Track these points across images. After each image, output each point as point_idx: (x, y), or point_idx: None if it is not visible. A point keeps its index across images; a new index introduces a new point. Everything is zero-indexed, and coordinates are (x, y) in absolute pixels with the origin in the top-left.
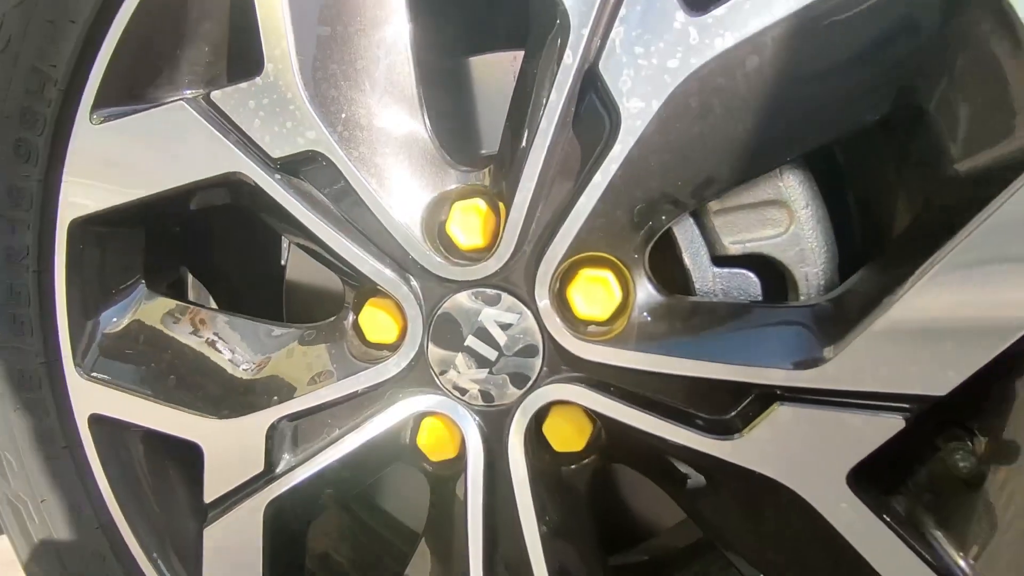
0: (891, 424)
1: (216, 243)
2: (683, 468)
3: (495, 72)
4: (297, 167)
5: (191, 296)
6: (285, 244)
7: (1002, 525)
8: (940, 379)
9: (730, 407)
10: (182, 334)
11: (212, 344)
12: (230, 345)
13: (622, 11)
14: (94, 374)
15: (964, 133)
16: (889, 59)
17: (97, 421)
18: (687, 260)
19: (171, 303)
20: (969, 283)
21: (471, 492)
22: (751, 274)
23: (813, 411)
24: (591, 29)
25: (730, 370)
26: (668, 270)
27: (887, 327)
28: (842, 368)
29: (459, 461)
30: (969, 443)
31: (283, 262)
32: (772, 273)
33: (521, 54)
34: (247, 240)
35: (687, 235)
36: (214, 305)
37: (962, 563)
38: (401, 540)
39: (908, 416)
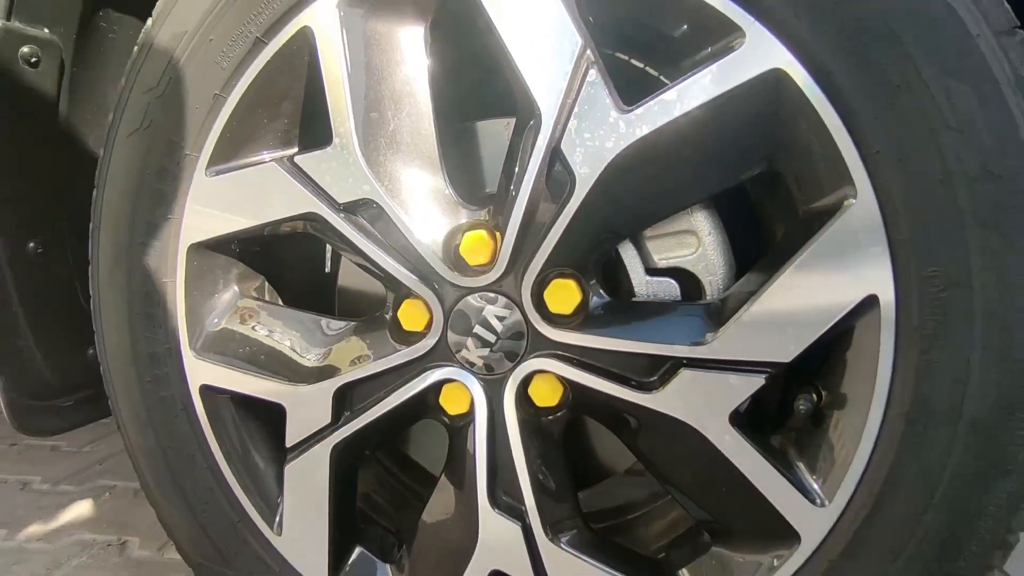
0: (756, 381)
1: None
2: (625, 416)
3: (493, 133)
4: (355, 208)
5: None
6: (328, 259)
7: (838, 457)
8: (785, 351)
9: (653, 372)
10: (266, 327)
11: (285, 333)
12: (300, 334)
13: (576, 110)
14: (204, 355)
15: (799, 189)
16: (748, 141)
17: (206, 390)
18: (628, 271)
19: (257, 302)
20: (800, 288)
21: (478, 436)
22: (673, 281)
23: (704, 373)
24: (555, 121)
25: (652, 346)
26: (615, 279)
27: (750, 316)
28: (722, 344)
29: (469, 414)
30: (813, 395)
31: (326, 269)
32: (688, 280)
33: (511, 120)
34: (302, 258)
35: (628, 254)
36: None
37: (815, 484)
38: (422, 485)
39: (767, 376)
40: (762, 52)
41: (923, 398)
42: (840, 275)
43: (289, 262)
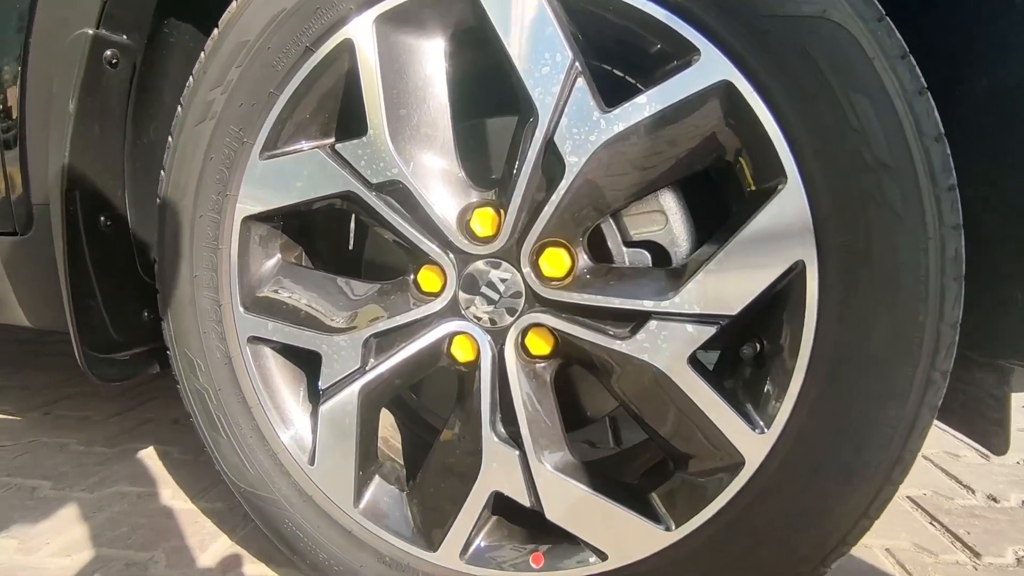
0: (708, 331)
1: (320, 234)
2: (604, 361)
3: (499, 129)
4: (385, 188)
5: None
6: (352, 234)
7: (775, 394)
8: (731, 306)
9: (627, 323)
10: (302, 288)
11: (327, 294)
12: (336, 295)
13: (566, 110)
14: (252, 310)
15: (744, 175)
16: (706, 136)
17: (253, 340)
18: (609, 242)
19: (299, 267)
20: (743, 254)
21: (483, 379)
22: (645, 252)
23: (667, 323)
24: (550, 118)
25: (627, 302)
26: (598, 248)
27: (704, 277)
28: (682, 299)
29: (476, 361)
30: (756, 344)
31: (350, 247)
32: (658, 250)
33: (515, 118)
34: (333, 233)
35: (609, 228)
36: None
37: (757, 416)
38: (429, 434)
39: (717, 327)
40: (714, 66)
41: (840, 342)
42: (775, 244)
43: (323, 235)
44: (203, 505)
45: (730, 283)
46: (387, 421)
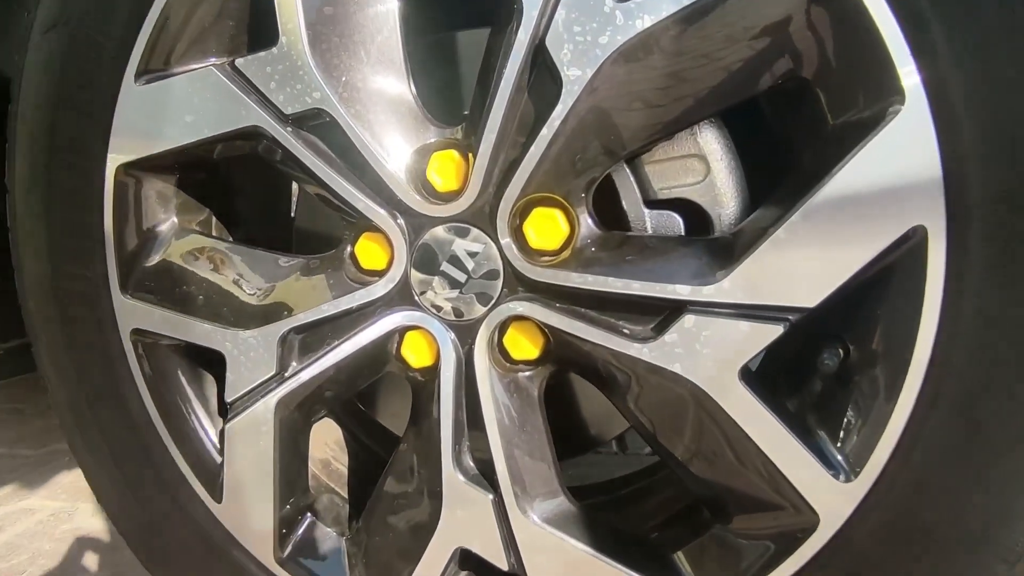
0: (773, 331)
1: (237, 192)
2: (616, 372)
3: (473, 45)
4: (305, 122)
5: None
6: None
7: (867, 423)
8: (809, 294)
9: (651, 318)
10: (205, 266)
11: (231, 272)
12: (246, 273)
13: None
14: (137, 294)
15: (829, 99)
16: (773, 38)
17: (138, 335)
18: (624, 202)
19: (199, 238)
20: (828, 218)
21: (443, 393)
22: (676, 215)
23: (712, 319)
24: (539, 11)
25: (651, 287)
26: (608, 210)
27: (768, 251)
28: (734, 285)
29: (435, 368)
30: (839, 350)
31: (292, 214)
32: (693, 213)
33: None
34: (263, 191)
35: (624, 182)
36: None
37: (838, 455)
38: (387, 450)
39: (786, 325)
40: None
41: (980, 352)
42: (879, 203)
43: (246, 194)
44: None
45: (807, 261)
46: (331, 437)
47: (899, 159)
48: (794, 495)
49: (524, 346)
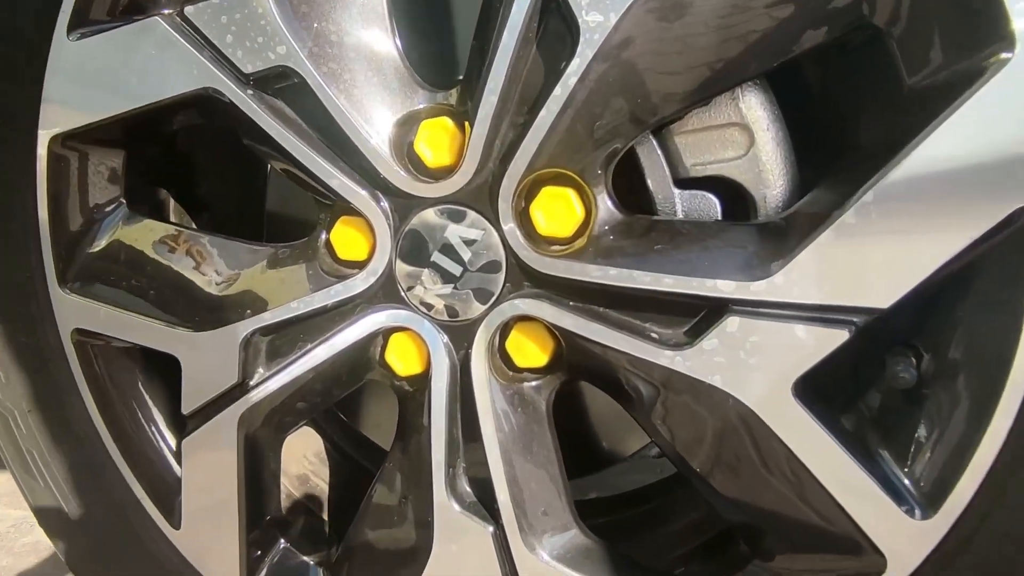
0: (836, 336)
1: (200, 173)
2: (639, 383)
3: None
4: (269, 83)
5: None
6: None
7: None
8: (881, 293)
9: (684, 320)
10: (160, 253)
11: (188, 262)
12: (206, 264)
13: None
14: (77, 289)
15: (908, 53)
16: None
17: (81, 335)
18: (650, 180)
19: (151, 224)
20: (906, 200)
21: (435, 406)
22: (712, 196)
23: (760, 322)
24: None
25: (684, 283)
26: (631, 189)
27: (829, 241)
28: (788, 281)
29: (425, 376)
30: (912, 358)
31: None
32: (735, 195)
33: None
34: (232, 171)
35: (651, 158)
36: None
37: (908, 485)
38: (373, 463)
39: (852, 329)
40: None
41: None
42: (971, 179)
43: (208, 172)
44: None
45: (881, 252)
46: (310, 449)
47: (1001, 123)
48: (856, 533)
49: (530, 352)
